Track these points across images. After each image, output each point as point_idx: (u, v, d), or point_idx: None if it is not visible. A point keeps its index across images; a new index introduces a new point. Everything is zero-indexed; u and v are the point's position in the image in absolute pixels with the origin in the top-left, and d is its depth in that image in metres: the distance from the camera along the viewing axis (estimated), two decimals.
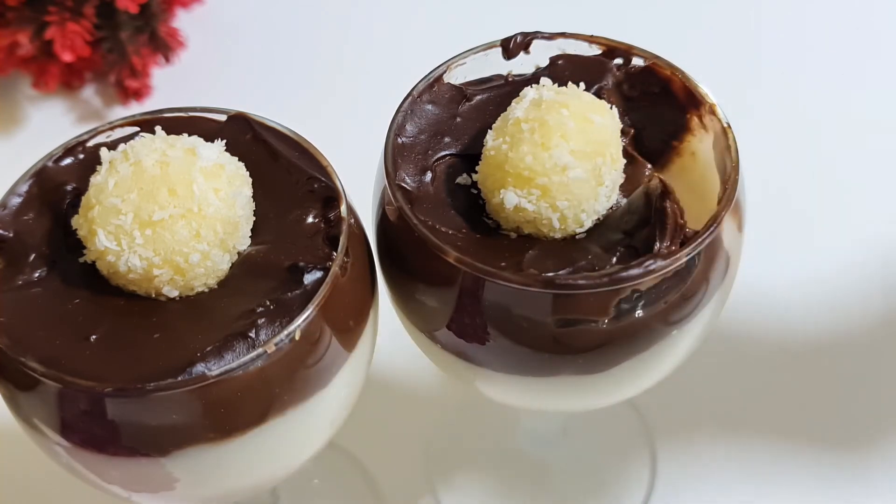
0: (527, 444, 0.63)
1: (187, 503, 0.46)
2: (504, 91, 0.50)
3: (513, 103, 0.46)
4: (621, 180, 0.46)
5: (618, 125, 0.46)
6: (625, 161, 0.46)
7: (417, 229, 0.44)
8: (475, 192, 0.47)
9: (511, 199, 0.44)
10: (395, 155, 0.47)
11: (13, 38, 0.75)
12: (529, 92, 0.46)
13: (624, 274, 0.42)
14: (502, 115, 0.46)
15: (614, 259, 0.43)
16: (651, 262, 0.42)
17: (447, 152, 0.48)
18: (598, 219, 0.46)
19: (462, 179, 0.47)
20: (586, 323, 0.43)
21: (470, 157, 0.48)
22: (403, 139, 0.48)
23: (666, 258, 0.42)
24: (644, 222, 0.44)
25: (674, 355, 0.47)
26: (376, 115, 0.51)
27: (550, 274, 0.42)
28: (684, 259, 0.42)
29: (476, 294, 0.43)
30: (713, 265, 0.44)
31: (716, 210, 0.44)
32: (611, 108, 0.46)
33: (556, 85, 0.46)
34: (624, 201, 0.46)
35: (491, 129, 0.46)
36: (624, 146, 0.47)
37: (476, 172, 0.47)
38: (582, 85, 0.47)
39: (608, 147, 0.44)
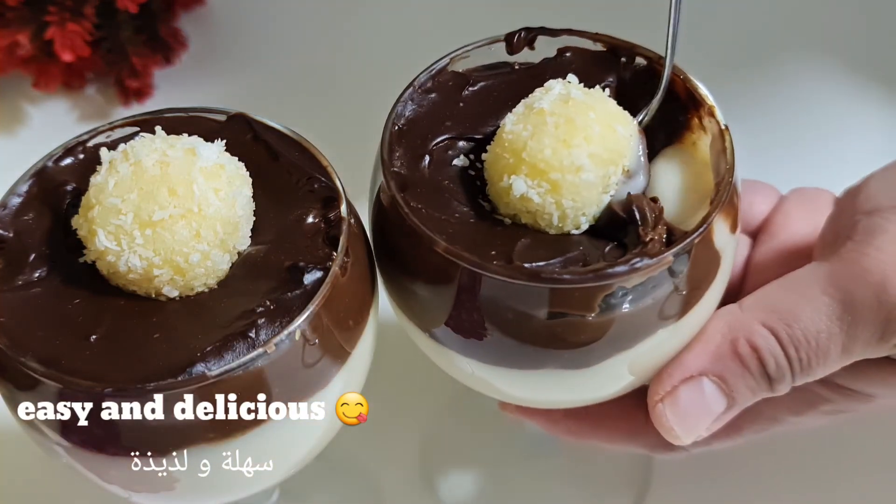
0: (527, 444, 0.63)
1: (187, 503, 0.46)
2: (510, 79, 0.50)
3: (537, 92, 0.46)
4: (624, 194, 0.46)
5: (637, 139, 0.46)
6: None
7: (408, 217, 0.44)
8: (472, 173, 0.47)
9: (519, 187, 0.44)
10: (393, 143, 0.47)
11: (13, 38, 0.75)
12: (556, 85, 0.46)
13: (610, 270, 0.42)
14: (524, 101, 0.46)
15: (604, 254, 0.43)
16: (638, 260, 0.42)
17: (448, 135, 0.48)
18: (592, 223, 0.46)
19: (460, 161, 0.47)
20: (572, 317, 0.43)
21: (470, 139, 0.48)
22: (402, 127, 0.48)
23: (653, 257, 0.42)
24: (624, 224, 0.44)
25: (663, 353, 0.47)
26: (377, 115, 0.51)
27: (540, 264, 0.42)
28: (671, 258, 0.42)
29: (463, 285, 0.43)
30: (703, 266, 0.44)
31: (707, 211, 0.44)
32: (633, 120, 0.46)
33: (560, 77, 0.46)
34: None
35: (511, 112, 0.46)
36: None
37: (474, 155, 0.47)
38: (603, 91, 0.47)
39: (622, 158, 0.45)
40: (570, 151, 0.43)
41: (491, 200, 0.46)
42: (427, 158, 0.47)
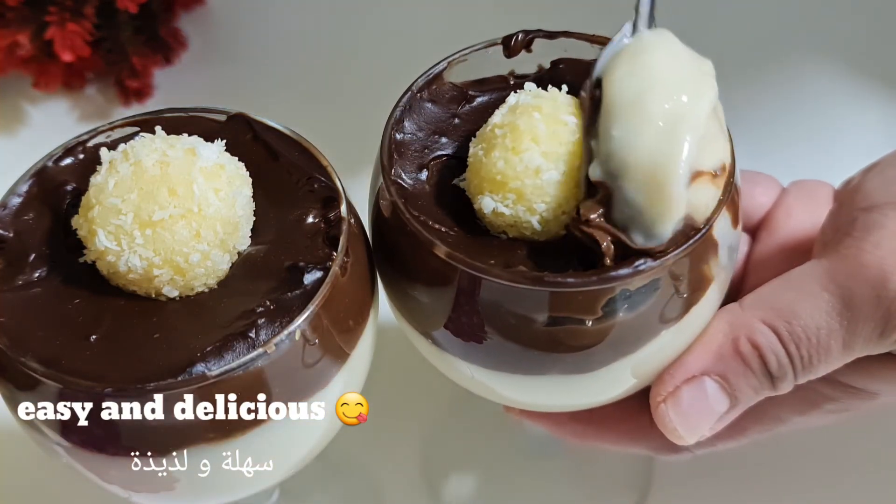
0: (528, 445, 0.63)
1: (187, 503, 0.46)
2: (504, 95, 0.50)
3: (496, 110, 0.46)
4: None
5: None
6: None
7: (410, 223, 0.44)
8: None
9: (488, 204, 0.44)
10: (392, 150, 0.47)
11: (13, 38, 0.75)
12: (511, 98, 0.46)
13: (613, 273, 0.41)
14: (488, 121, 0.46)
15: (572, 260, 0.43)
16: (641, 262, 0.42)
17: (443, 153, 0.48)
18: None
19: (458, 181, 0.47)
20: (575, 322, 0.43)
21: (465, 160, 0.48)
22: (401, 135, 0.48)
23: (656, 259, 0.42)
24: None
25: (666, 356, 0.47)
26: (377, 115, 0.51)
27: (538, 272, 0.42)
28: (675, 260, 0.42)
29: (465, 290, 0.43)
30: (705, 264, 0.44)
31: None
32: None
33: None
34: None
35: (475, 135, 0.46)
36: None
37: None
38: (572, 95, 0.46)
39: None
40: (521, 157, 0.43)
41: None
42: (425, 172, 0.47)
